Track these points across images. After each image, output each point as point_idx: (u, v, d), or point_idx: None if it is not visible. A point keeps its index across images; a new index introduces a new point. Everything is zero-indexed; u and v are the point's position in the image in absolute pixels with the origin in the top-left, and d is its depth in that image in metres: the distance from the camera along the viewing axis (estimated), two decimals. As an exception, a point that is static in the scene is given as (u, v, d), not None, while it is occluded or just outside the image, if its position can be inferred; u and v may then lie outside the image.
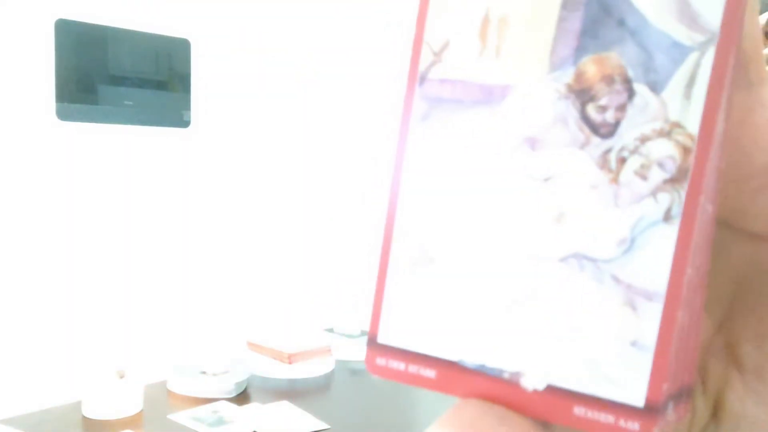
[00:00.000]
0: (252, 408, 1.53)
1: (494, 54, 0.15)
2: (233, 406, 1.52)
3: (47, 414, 1.46)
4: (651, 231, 0.14)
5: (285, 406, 1.55)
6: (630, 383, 0.14)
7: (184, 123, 1.85)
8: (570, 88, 0.14)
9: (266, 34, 2.00)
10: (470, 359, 0.15)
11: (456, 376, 0.15)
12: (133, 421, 1.44)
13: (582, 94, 0.14)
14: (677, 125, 0.14)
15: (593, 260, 0.14)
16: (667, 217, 0.14)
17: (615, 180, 0.14)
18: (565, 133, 0.15)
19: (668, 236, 0.14)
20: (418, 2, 0.16)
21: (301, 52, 2.11)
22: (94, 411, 1.44)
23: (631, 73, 0.14)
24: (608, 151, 0.14)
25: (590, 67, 0.14)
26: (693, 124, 0.14)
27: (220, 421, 1.44)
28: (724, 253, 0.17)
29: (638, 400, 0.14)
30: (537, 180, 0.15)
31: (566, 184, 0.15)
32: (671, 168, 0.14)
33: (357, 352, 1.94)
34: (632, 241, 0.14)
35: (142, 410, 1.48)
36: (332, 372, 1.83)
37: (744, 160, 0.17)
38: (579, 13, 0.14)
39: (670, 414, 0.14)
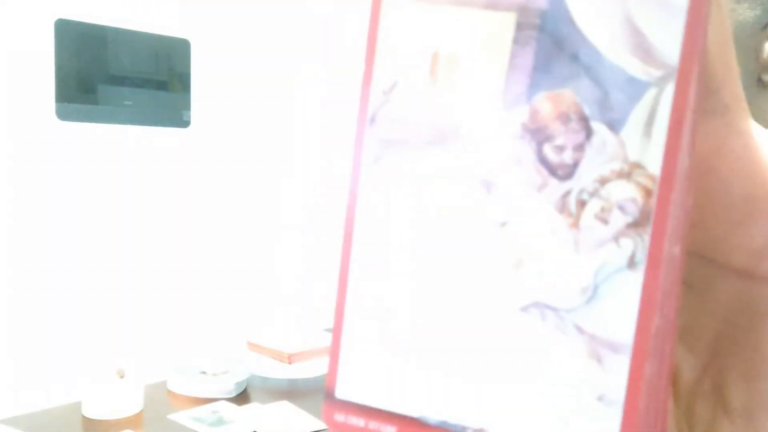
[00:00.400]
0: (252, 408, 1.53)
1: (445, 92, 0.14)
2: (233, 406, 1.52)
3: (47, 414, 1.46)
4: (615, 278, 0.13)
5: (285, 406, 1.55)
6: None
7: (184, 123, 1.85)
8: (525, 128, 0.14)
9: (266, 34, 2.00)
10: (432, 415, 0.14)
11: None
12: (133, 421, 1.44)
13: (537, 133, 0.14)
14: (637, 166, 0.13)
15: (555, 309, 0.14)
16: (631, 263, 0.13)
17: (575, 224, 0.13)
18: (521, 174, 0.14)
19: (633, 284, 0.13)
20: (365, 43, 0.15)
21: (301, 52, 2.11)
22: (94, 411, 1.44)
23: (587, 111, 0.13)
24: (567, 193, 0.14)
25: (545, 105, 0.14)
26: (654, 164, 0.13)
27: (220, 421, 1.44)
28: (708, 290, 0.17)
29: None
30: (494, 224, 0.14)
31: (524, 228, 0.14)
32: (633, 211, 0.13)
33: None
34: (595, 288, 0.13)
35: (142, 410, 1.48)
36: (332, 372, 1.82)
37: (722, 191, 0.16)
38: (530, 48, 0.14)
39: None
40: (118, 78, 1.72)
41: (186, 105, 1.84)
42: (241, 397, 1.60)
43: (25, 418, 1.43)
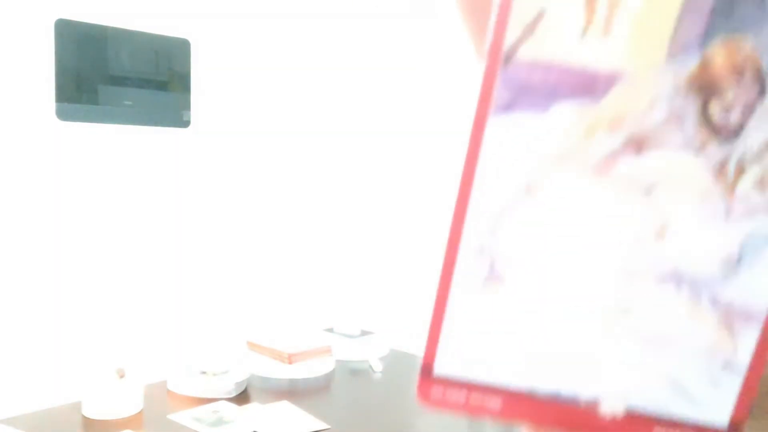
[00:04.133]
0: (252, 408, 1.53)
1: (602, 32, 0.12)
2: (233, 406, 1.52)
3: (47, 414, 1.46)
4: (762, 250, 0.12)
5: (285, 406, 1.55)
6: (716, 405, 0.13)
7: (184, 123, 1.85)
8: (692, 81, 0.12)
9: (266, 34, 2.00)
10: (541, 386, 0.13)
11: (525, 405, 0.14)
12: (133, 421, 1.44)
13: (705, 87, 0.12)
14: None
15: (692, 281, 0.13)
16: None
17: (730, 192, 0.12)
18: (679, 134, 0.12)
19: None
20: None
21: (301, 51, 2.10)
22: (94, 411, 1.44)
23: (765, 64, 0.11)
24: (727, 157, 0.12)
25: (719, 54, 0.11)
26: None
27: (220, 421, 1.44)
28: None
29: (723, 422, 0.13)
30: (640, 188, 0.12)
31: (673, 195, 0.12)
32: None
33: (357, 352, 1.94)
34: (739, 259, 0.12)
35: (142, 410, 1.48)
36: (332, 372, 1.83)
37: None
38: None
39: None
40: (118, 78, 1.72)
41: (186, 105, 1.84)
42: (241, 397, 1.60)
43: (25, 418, 1.43)
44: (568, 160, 0.12)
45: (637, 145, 0.12)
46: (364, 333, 2.05)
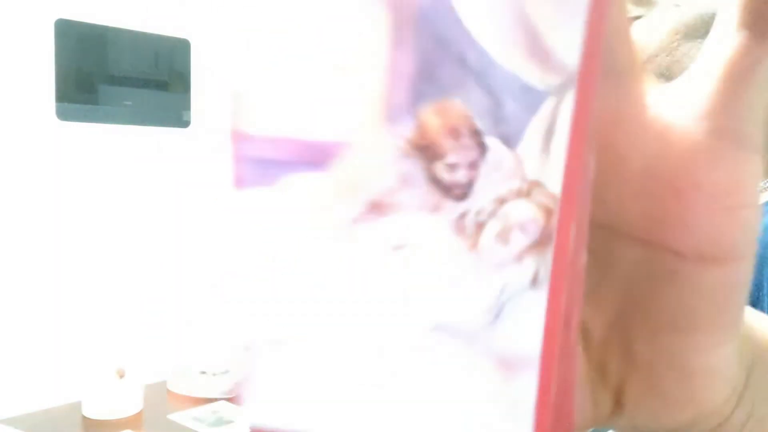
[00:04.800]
0: (252, 408, 1.52)
1: (321, 106, 0.12)
2: (233, 406, 1.52)
3: (47, 414, 1.46)
4: (519, 298, 0.12)
5: (285, 406, 1.55)
6: None
7: (184, 123, 1.85)
8: (412, 144, 0.12)
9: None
10: None
11: None
12: (133, 421, 1.44)
13: (426, 150, 0.12)
14: (537, 184, 0.12)
15: (458, 332, 0.13)
16: (534, 282, 0.12)
17: (474, 246, 0.12)
18: (412, 196, 0.12)
19: (537, 302, 0.12)
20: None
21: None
22: (94, 411, 1.44)
23: (479, 125, 0.12)
24: (464, 214, 0.12)
25: (432, 119, 0.12)
26: (554, 182, 0.12)
27: (220, 421, 1.44)
28: (611, 257, 0.17)
29: None
30: (388, 249, 0.13)
31: (422, 253, 0.13)
32: (534, 232, 0.12)
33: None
34: (500, 308, 0.13)
35: (142, 410, 1.48)
36: (332, 372, 1.82)
37: (620, 166, 0.16)
38: (411, 52, 0.12)
39: None
40: (118, 78, 1.72)
41: (186, 105, 1.84)
42: (241, 397, 1.60)
43: (25, 418, 1.43)
44: (316, 225, 0.13)
45: (377, 209, 0.13)
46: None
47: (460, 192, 0.12)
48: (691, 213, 0.16)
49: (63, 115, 1.60)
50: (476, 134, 0.12)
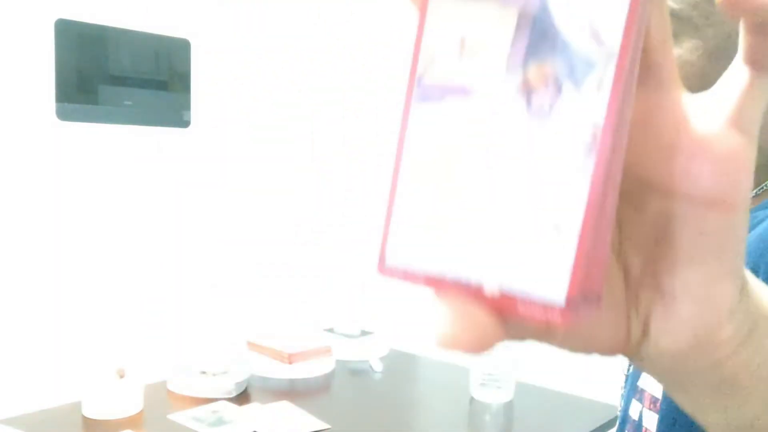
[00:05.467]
0: (252, 408, 1.53)
1: (468, 62, 0.20)
2: (233, 406, 1.52)
3: (47, 414, 1.46)
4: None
5: (285, 406, 1.55)
6: (554, 285, 0.19)
7: (184, 123, 1.85)
8: (520, 86, 0.20)
9: (266, 34, 2.00)
10: (450, 274, 0.20)
11: (446, 288, 0.20)
12: (133, 421, 1.44)
13: (528, 90, 0.20)
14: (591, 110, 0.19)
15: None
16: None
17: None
18: (516, 112, 0.20)
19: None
20: (416, 21, 0.21)
21: (302, 51, 2.11)
22: (94, 411, 1.44)
23: (560, 76, 0.19)
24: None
25: (533, 71, 0.20)
26: (601, 111, 0.19)
27: (220, 421, 1.44)
28: (644, 205, 0.23)
29: (560, 300, 0.18)
30: (501, 136, 0.20)
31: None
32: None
33: (357, 352, 1.94)
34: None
35: (142, 410, 1.48)
36: (332, 372, 1.83)
37: (655, 139, 0.22)
38: (526, 34, 0.20)
39: (584, 309, 0.19)
40: (118, 78, 1.72)
41: (186, 105, 1.84)
42: (241, 397, 1.60)
43: (25, 418, 1.43)
44: (460, 125, 0.21)
45: (495, 114, 0.20)
46: (364, 333, 2.05)
47: (542, 113, 0.20)
48: (703, 171, 0.21)
49: (63, 115, 1.60)
50: (557, 81, 0.19)
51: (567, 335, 0.23)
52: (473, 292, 0.19)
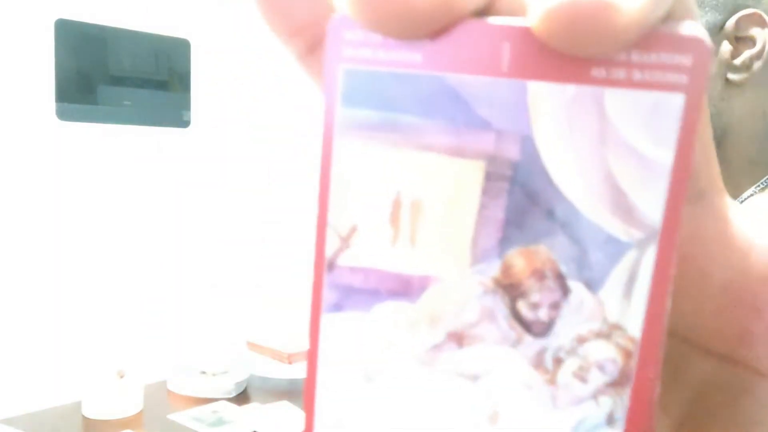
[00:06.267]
0: (252, 408, 1.53)
1: (409, 242, 0.13)
2: (233, 406, 1.52)
3: (47, 414, 1.46)
4: None
5: (285, 406, 1.55)
6: None
7: (184, 123, 1.85)
8: (497, 283, 0.13)
9: (266, 34, 2.00)
10: None
11: None
12: (133, 421, 1.44)
13: (511, 289, 0.13)
14: (617, 327, 0.13)
15: None
16: (610, 420, 0.13)
17: (552, 381, 0.13)
18: (494, 330, 0.13)
19: None
20: (318, 180, 0.14)
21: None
22: (94, 411, 1.44)
23: (563, 269, 0.13)
24: (543, 350, 0.13)
25: (518, 261, 0.13)
26: (635, 327, 0.13)
27: (220, 421, 1.44)
28: (684, 366, 0.17)
29: None
30: (466, 378, 0.13)
31: (499, 383, 0.13)
32: (612, 372, 0.13)
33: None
34: None
35: (142, 410, 1.48)
36: (332, 372, 1.82)
37: (700, 280, 0.16)
38: (501, 200, 0.13)
39: None
40: (118, 78, 1.72)
41: (186, 105, 1.84)
42: (241, 397, 1.60)
43: (25, 418, 1.43)
44: (396, 353, 0.14)
45: (458, 339, 0.13)
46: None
47: (540, 329, 0.13)
48: None
49: (63, 115, 1.60)
50: (560, 277, 0.13)
51: None
52: None
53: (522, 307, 0.13)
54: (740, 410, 0.16)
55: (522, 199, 0.13)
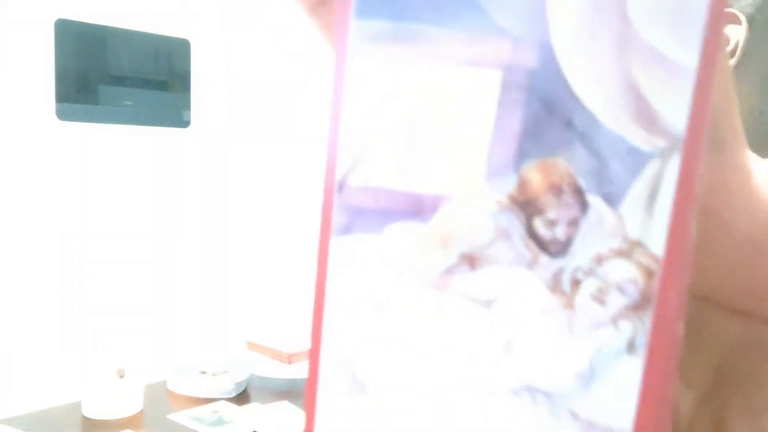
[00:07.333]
0: (252, 408, 1.53)
1: (422, 159, 0.13)
2: (233, 406, 1.52)
3: (47, 414, 1.46)
4: (613, 363, 0.12)
5: (285, 406, 1.55)
6: None
7: (184, 123, 1.85)
8: (512, 200, 0.12)
9: (266, 34, 2.00)
10: None
11: None
12: (133, 421, 1.44)
13: (527, 206, 0.12)
14: (638, 244, 0.12)
15: (548, 394, 0.12)
16: (630, 347, 0.12)
17: (569, 305, 0.12)
18: (509, 250, 0.12)
19: (633, 369, 0.12)
20: (330, 96, 0.14)
21: (301, 51, 2.10)
22: (94, 411, 1.44)
23: (582, 183, 0.12)
24: (560, 272, 0.12)
25: (534, 175, 0.12)
26: (657, 244, 0.12)
27: (220, 421, 1.44)
28: (707, 329, 0.16)
29: None
30: (480, 303, 0.13)
31: (513, 308, 0.12)
32: (633, 293, 0.12)
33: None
34: (592, 373, 0.12)
35: (142, 410, 1.48)
36: (332, 372, 1.82)
37: (724, 232, 0.15)
38: (518, 111, 0.12)
39: None
40: (118, 78, 1.72)
41: (186, 105, 1.84)
42: (241, 397, 1.60)
43: (25, 418, 1.43)
44: (408, 277, 0.13)
45: (471, 261, 0.13)
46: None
47: (557, 248, 0.12)
48: None
49: (63, 115, 1.60)
50: (578, 192, 0.12)
51: None
52: None
53: (538, 225, 0.12)
54: (766, 376, 0.15)
55: (539, 110, 0.12)
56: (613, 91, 0.12)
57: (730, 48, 0.75)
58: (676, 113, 0.11)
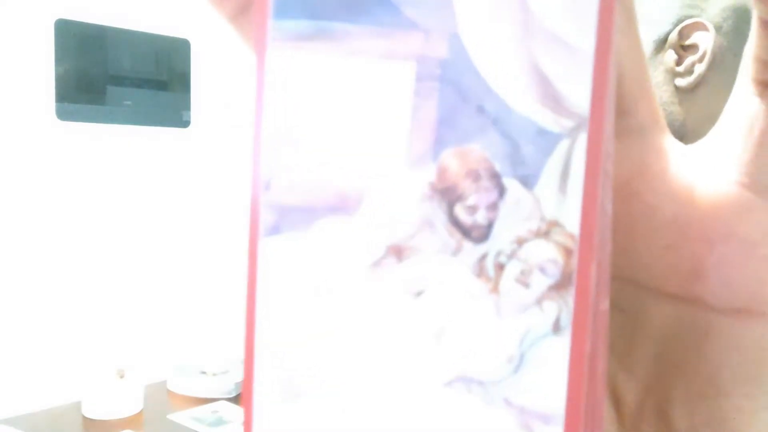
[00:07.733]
0: (252, 408, 1.53)
1: (344, 152, 0.13)
2: (233, 406, 1.52)
3: (47, 414, 1.46)
4: (541, 345, 0.12)
5: (285, 406, 1.55)
6: None
7: (184, 123, 1.85)
8: (433, 188, 0.12)
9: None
10: None
11: None
12: (133, 421, 1.44)
13: (447, 193, 0.12)
14: (555, 224, 0.12)
15: (481, 383, 0.12)
16: (556, 328, 0.12)
17: (495, 289, 0.12)
18: (433, 238, 0.13)
19: (560, 350, 0.12)
20: (253, 97, 0.14)
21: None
22: (94, 411, 1.44)
23: (498, 167, 0.12)
24: (484, 257, 0.12)
25: (452, 162, 0.12)
26: (572, 222, 0.12)
27: (220, 421, 1.44)
28: (642, 314, 0.16)
29: None
30: (409, 294, 0.13)
31: (441, 297, 0.13)
32: (554, 273, 0.12)
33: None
34: (521, 357, 0.12)
35: (142, 410, 1.48)
36: (332, 372, 1.83)
37: (648, 215, 0.15)
38: (433, 101, 0.12)
39: None
40: (118, 78, 1.72)
41: (186, 105, 1.84)
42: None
43: (25, 418, 1.43)
44: (337, 273, 0.13)
45: (397, 252, 0.13)
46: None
47: (480, 233, 0.12)
48: (726, 264, 0.15)
49: (63, 115, 1.60)
50: (495, 176, 0.12)
51: None
52: None
53: (459, 211, 0.12)
54: (704, 358, 0.16)
55: (453, 98, 0.12)
56: (520, 77, 0.12)
57: (698, 54, 0.76)
58: (579, 94, 0.12)
